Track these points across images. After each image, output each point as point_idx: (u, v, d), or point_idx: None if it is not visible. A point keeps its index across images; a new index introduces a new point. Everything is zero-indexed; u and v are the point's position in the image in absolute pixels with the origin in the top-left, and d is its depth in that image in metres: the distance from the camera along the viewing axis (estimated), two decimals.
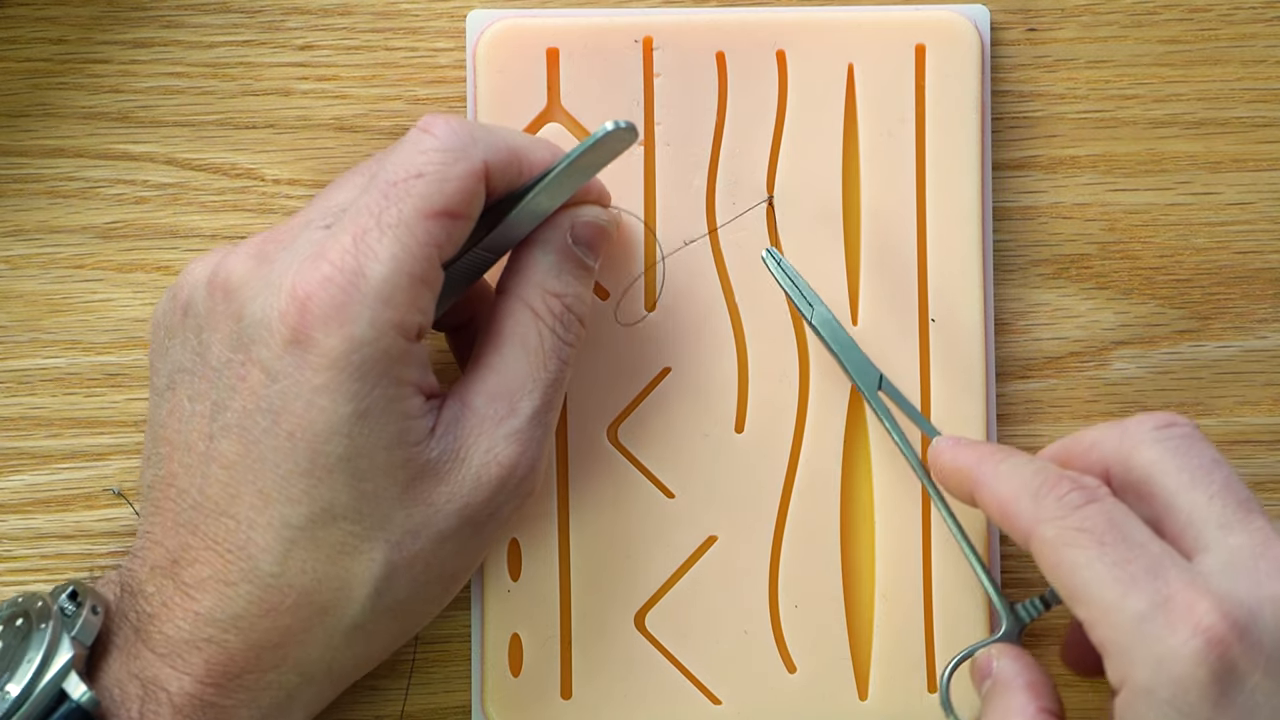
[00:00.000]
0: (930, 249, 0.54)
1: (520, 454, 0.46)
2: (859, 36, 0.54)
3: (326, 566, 0.45)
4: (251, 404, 0.45)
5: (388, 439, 0.44)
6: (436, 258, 0.45)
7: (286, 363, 0.44)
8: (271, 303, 0.44)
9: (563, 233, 0.49)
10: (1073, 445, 0.49)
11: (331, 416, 0.44)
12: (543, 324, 0.48)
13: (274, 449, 0.44)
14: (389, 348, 0.44)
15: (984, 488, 0.48)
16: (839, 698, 0.54)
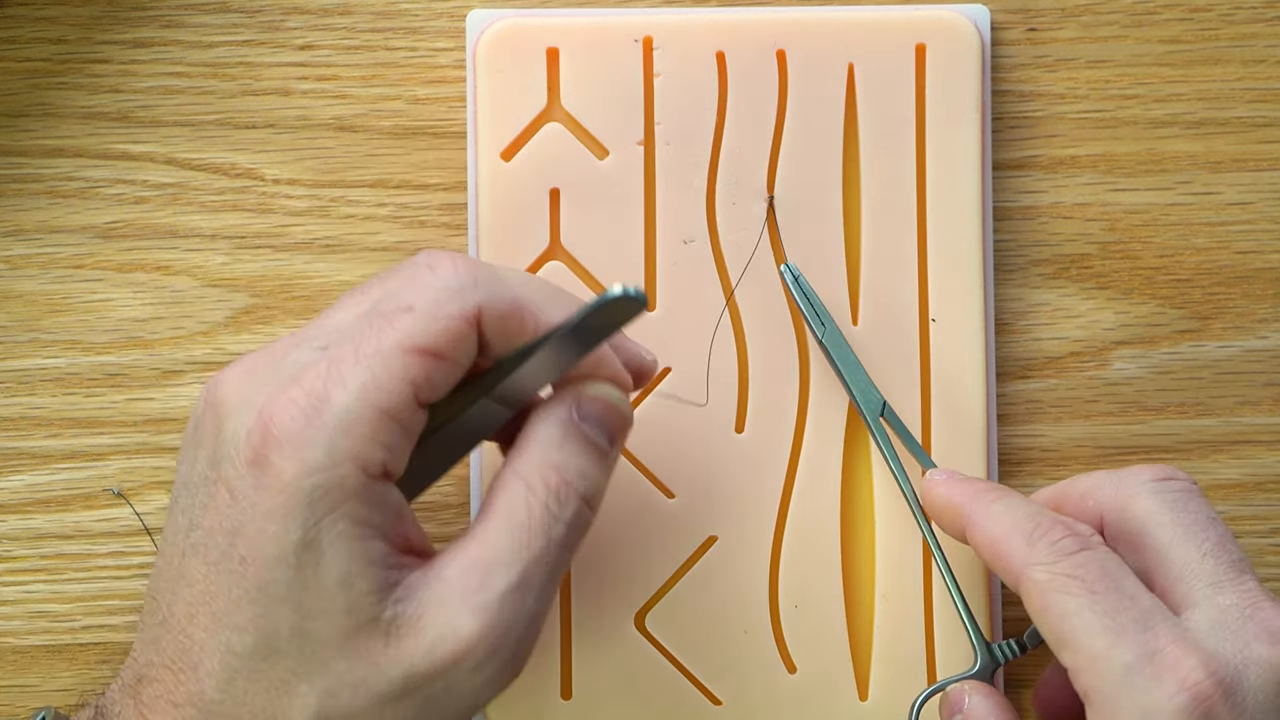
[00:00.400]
0: (930, 249, 0.54)
1: (484, 631, 0.42)
2: (859, 36, 0.54)
3: (264, 701, 0.43)
4: (216, 523, 0.43)
5: (335, 578, 0.42)
6: (411, 395, 0.43)
7: (246, 483, 0.42)
8: (242, 421, 0.43)
9: (568, 406, 0.45)
10: (1068, 490, 0.49)
11: (280, 543, 0.42)
12: (533, 497, 0.44)
13: (229, 571, 0.43)
14: (344, 479, 0.42)
15: (976, 526, 0.48)
16: (839, 698, 0.54)
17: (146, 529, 0.55)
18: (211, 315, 0.55)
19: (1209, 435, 0.56)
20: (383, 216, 0.56)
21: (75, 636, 0.55)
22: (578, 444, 0.45)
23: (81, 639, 0.55)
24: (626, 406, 0.47)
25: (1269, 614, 0.44)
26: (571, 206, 0.54)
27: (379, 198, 0.56)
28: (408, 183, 0.56)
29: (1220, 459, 0.56)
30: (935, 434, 0.54)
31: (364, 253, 0.56)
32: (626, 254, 0.54)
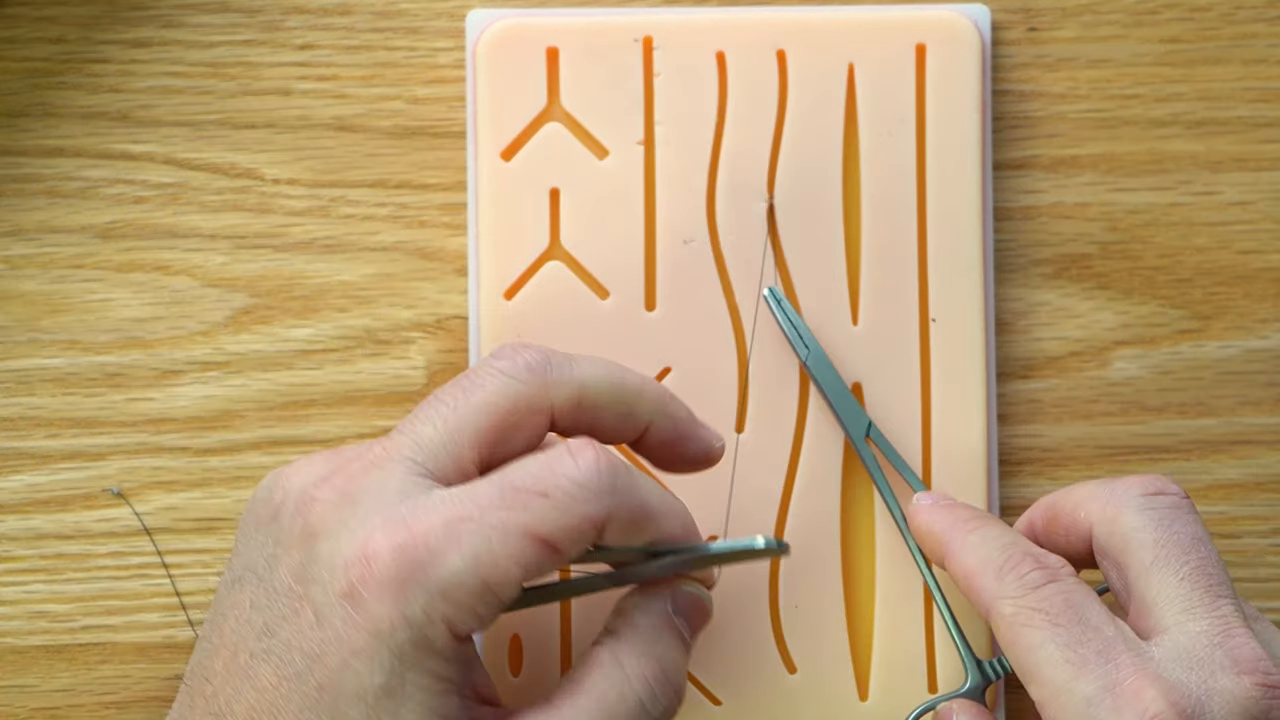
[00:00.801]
0: (930, 249, 0.54)
1: None
2: (859, 36, 0.54)
3: None
4: (296, 640, 0.43)
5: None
6: (518, 578, 0.43)
7: (337, 614, 0.43)
8: (342, 549, 0.43)
9: (664, 600, 0.46)
10: (1062, 500, 0.49)
11: (362, 683, 0.42)
12: (628, 687, 0.45)
13: (302, 693, 0.43)
14: (434, 639, 0.42)
15: (952, 556, 0.49)
16: (839, 698, 0.54)
17: (146, 529, 0.55)
18: (211, 315, 0.55)
19: (1209, 435, 0.56)
20: (382, 216, 0.56)
21: (75, 637, 0.55)
22: (673, 637, 0.46)
23: (81, 639, 0.55)
24: (711, 603, 0.48)
25: (1238, 642, 0.44)
26: (571, 206, 0.54)
27: (379, 198, 0.56)
28: (408, 183, 0.56)
29: (1221, 459, 0.56)
30: (935, 434, 0.54)
31: (364, 253, 0.56)
32: (626, 254, 0.54)
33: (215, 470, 0.55)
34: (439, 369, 0.55)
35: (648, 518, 0.45)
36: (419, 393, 0.55)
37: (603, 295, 0.54)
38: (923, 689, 0.54)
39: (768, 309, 0.54)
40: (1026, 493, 0.55)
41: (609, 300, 0.54)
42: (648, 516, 0.45)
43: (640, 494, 0.45)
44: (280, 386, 0.55)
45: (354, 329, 0.56)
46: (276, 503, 0.46)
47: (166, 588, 0.55)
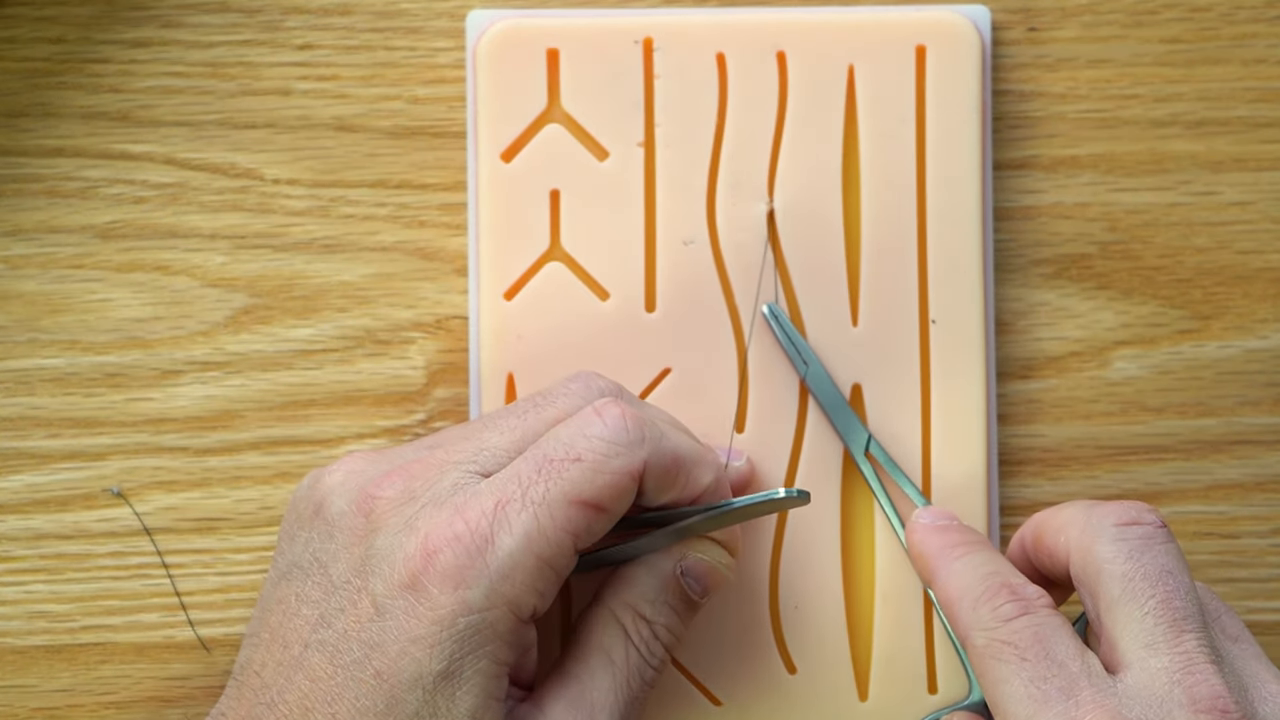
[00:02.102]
0: (930, 249, 0.54)
1: None
2: (859, 36, 0.54)
3: None
4: (354, 631, 0.44)
5: (466, 711, 0.44)
6: (571, 545, 0.45)
7: (398, 604, 0.44)
8: (401, 543, 0.45)
9: (674, 561, 0.48)
10: (1048, 520, 0.49)
11: (421, 669, 0.44)
12: (630, 643, 0.47)
13: (358, 681, 0.44)
14: (496, 622, 0.44)
15: (936, 583, 0.49)
16: (839, 698, 0.54)
17: (146, 529, 0.55)
18: (211, 315, 0.55)
19: (1209, 435, 0.56)
20: (382, 216, 0.56)
21: (74, 637, 0.55)
22: (675, 598, 0.48)
23: (81, 639, 0.55)
24: (729, 569, 0.50)
25: (1198, 679, 0.43)
26: (571, 207, 0.54)
27: (379, 198, 0.56)
28: (408, 183, 0.56)
29: (1221, 459, 0.56)
30: (935, 435, 0.54)
31: (364, 253, 0.56)
32: (626, 255, 0.54)
33: (215, 470, 0.55)
34: (439, 369, 0.55)
35: (680, 466, 0.47)
36: (419, 393, 0.55)
37: (603, 296, 0.54)
38: (922, 689, 0.54)
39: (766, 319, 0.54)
40: (1026, 493, 0.55)
41: (609, 301, 0.54)
42: (680, 465, 0.47)
43: (670, 443, 0.47)
44: (280, 386, 0.55)
45: (354, 329, 0.56)
46: (319, 498, 0.47)
47: (166, 588, 0.55)
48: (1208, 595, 0.47)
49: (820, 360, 0.54)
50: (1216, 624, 0.46)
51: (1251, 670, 0.45)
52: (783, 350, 0.54)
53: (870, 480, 0.53)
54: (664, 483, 0.47)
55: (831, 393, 0.53)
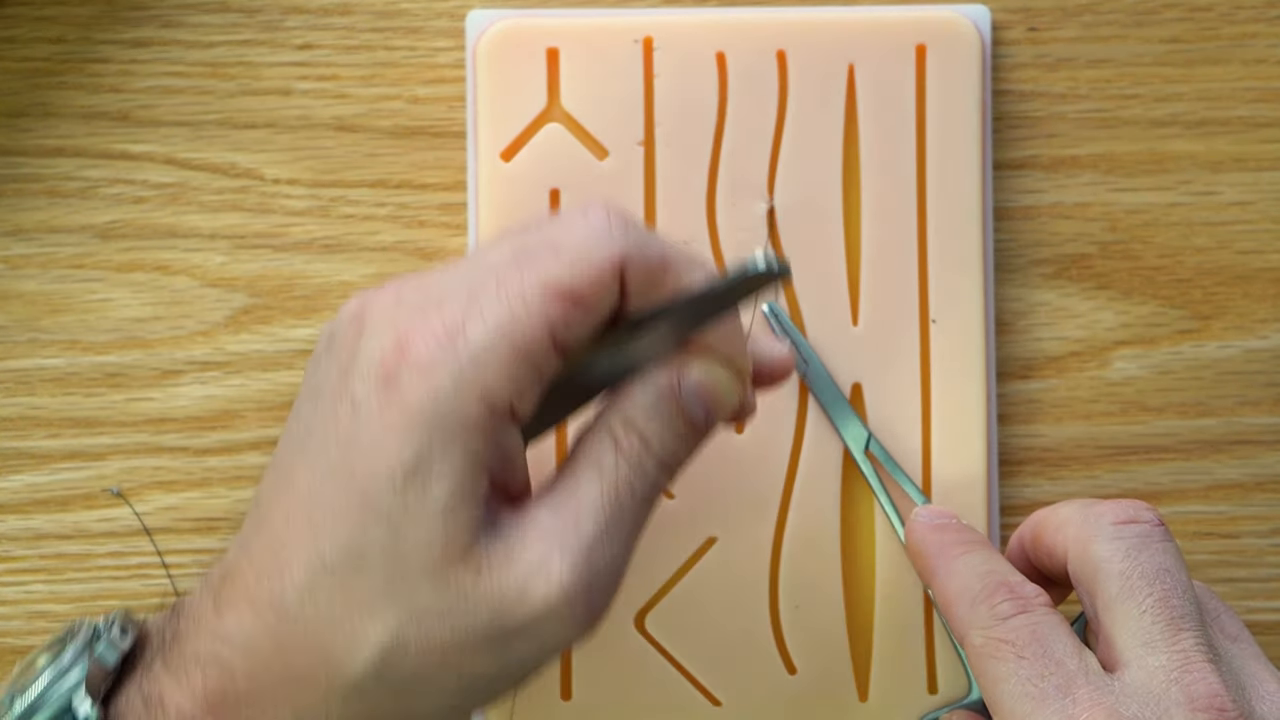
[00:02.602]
0: (930, 249, 0.54)
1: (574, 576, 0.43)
2: (859, 36, 0.54)
3: (343, 616, 0.43)
4: (332, 434, 0.43)
5: (438, 506, 0.42)
6: (547, 337, 0.43)
7: (372, 400, 0.43)
8: (379, 342, 0.43)
9: (671, 375, 0.45)
10: (1048, 518, 0.49)
11: (391, 461, 0.42)
12: (620, 456, 0.45)
13: (335, 482, 0.43)
14: (467, 412, 0.42)
15: (935, 582, 0.49)
16: (839, 698, 0.54)
17: (146, 529, 0.55)
18: (211, 315, 0.55)
19: (1209, 435, 0.56)
20: (382, 216, 0.56)
21: None
22: (670, 415, 0.45)
23: None
24: (731, 391, 0.46)
25: (1195, 677, 0.43)
26: (572, 207, 0.54)
27: (379, 198, 0.56)
28: (408, 183, 0.56)
29: (1221, 459, 0.56)
30: (935, 435, 0.54)
31: (364, 253, 0.56)
32: None
33: (215, 470, 0.55)
34: None
35: (666, 266, 0.44)
36: None
37: None
38: (923, 689, 0.54)
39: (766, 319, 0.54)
40: (1026, 493, 0.56)
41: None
42: (666, 265, 0.44)
43: (656, 243, 0.44)
44: (280, 386, 0.55)
45: None
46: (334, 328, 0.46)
47: (166, 588, 0.55)
48: (1207, 595, 0.47)
49: (820, 359, 0.54)
50: (1215, 623, 0.46)
51: (1250, 670, 0.45)
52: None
53: (870, 479, 0.53)
54: (649, 281, 0.44)
55: (832, 393, 0.53)
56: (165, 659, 0.44)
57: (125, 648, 0.45)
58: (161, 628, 0.45)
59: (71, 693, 0.44)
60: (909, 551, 0.51)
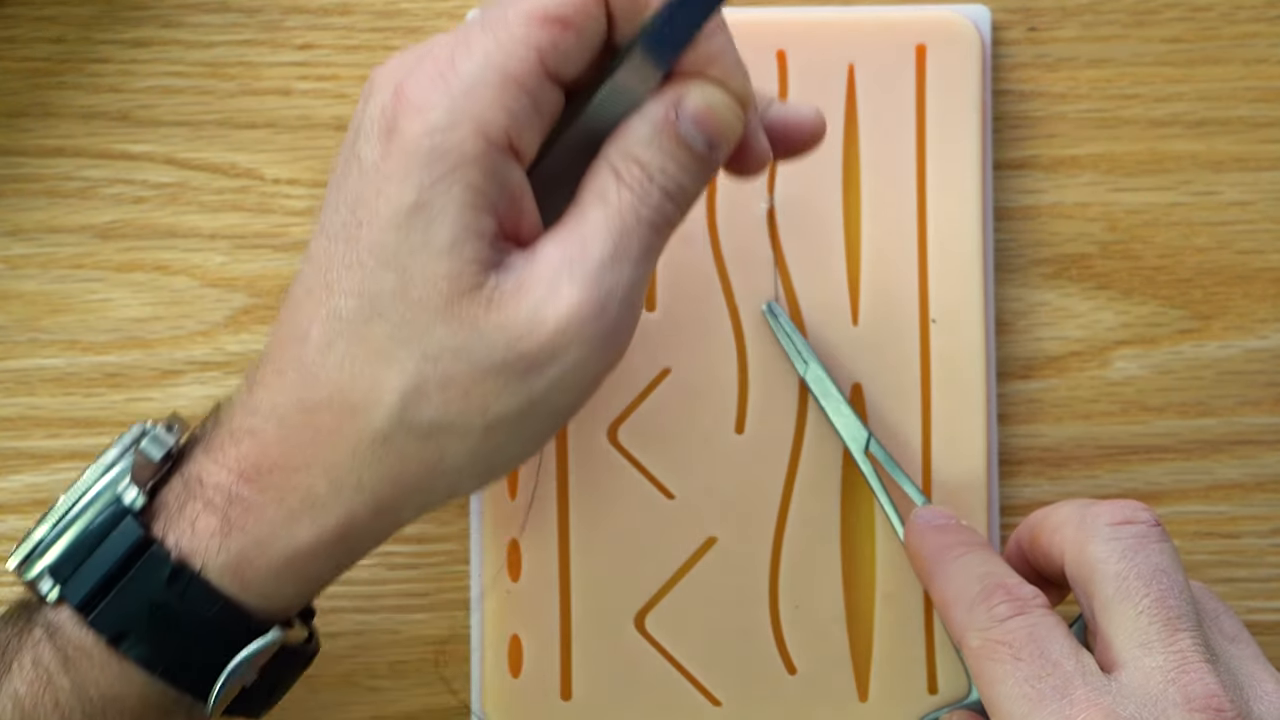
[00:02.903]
0: (930, 249, 0.54)
1: (584, 296, 0.42)
2: (859, 36, 0.54)
3: (362, 365, 0.43)
4: (342, 198, 0.44)
5: (443, 243, 0.42)
6: (537, 63, 0.43)
7: (375, 152, 0.43)
8: (379, 100, 0.44)
9: (667, 104, 0.44)
10: (1044, 520, 0.49)
11: (395, 204, 0.43)
12: (623, 185, 0.44)
13: (345, 240, 0.44)
14: (463, 143, 0.42)
15: (933, 584, 0.49)
16: (839, 698, 0.54)
17: None
18: (211, 315, 0.55)
19: (1210, 435, 0.56)
20: None
21: None
22: (669, 144, 0.44)
23: None
24: (730, 115, 0.45)
25: (1192, 678, 0.43)
26: None
27: None
28: None
29: (1221, 459, 0.56)
30: (935, 435, 0.54)
31: None
32: None
33: None
34: None
35: None
36: None
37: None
38: (923, 690, 0.54)
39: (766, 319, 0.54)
40: (1026, 493, 0.56)
41: None
42: None
43: None
44: None
45: None
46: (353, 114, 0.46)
47: None
48: (1206, 595, 0.47)
49: (820, 359, 0.54)
50: (1214, 624, 0.46)
51: (1248, 670, 0.45)
52: (782, 349, 0.54)
53: (870, 479, 0.53)
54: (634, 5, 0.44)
55: (832, 393, 0.53)
56: (205, 445, 0.45)
57: (171, 444, 0.46)
58: (203, 424, 0.47)
59: (116, 483, 0.45)
60: (908, 552, 0.51)
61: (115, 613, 0.44)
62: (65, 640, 0.44)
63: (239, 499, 0.44)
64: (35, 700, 0.44)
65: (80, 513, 0.45)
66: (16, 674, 0.44)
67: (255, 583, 0.44)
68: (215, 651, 0.45)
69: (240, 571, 0.44)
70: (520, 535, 0.54)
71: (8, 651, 0.45)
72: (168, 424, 0.47)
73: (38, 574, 0.45)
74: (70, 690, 0.44)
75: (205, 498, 0.44)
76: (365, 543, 0.46)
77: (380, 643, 0.55)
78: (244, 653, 0.45)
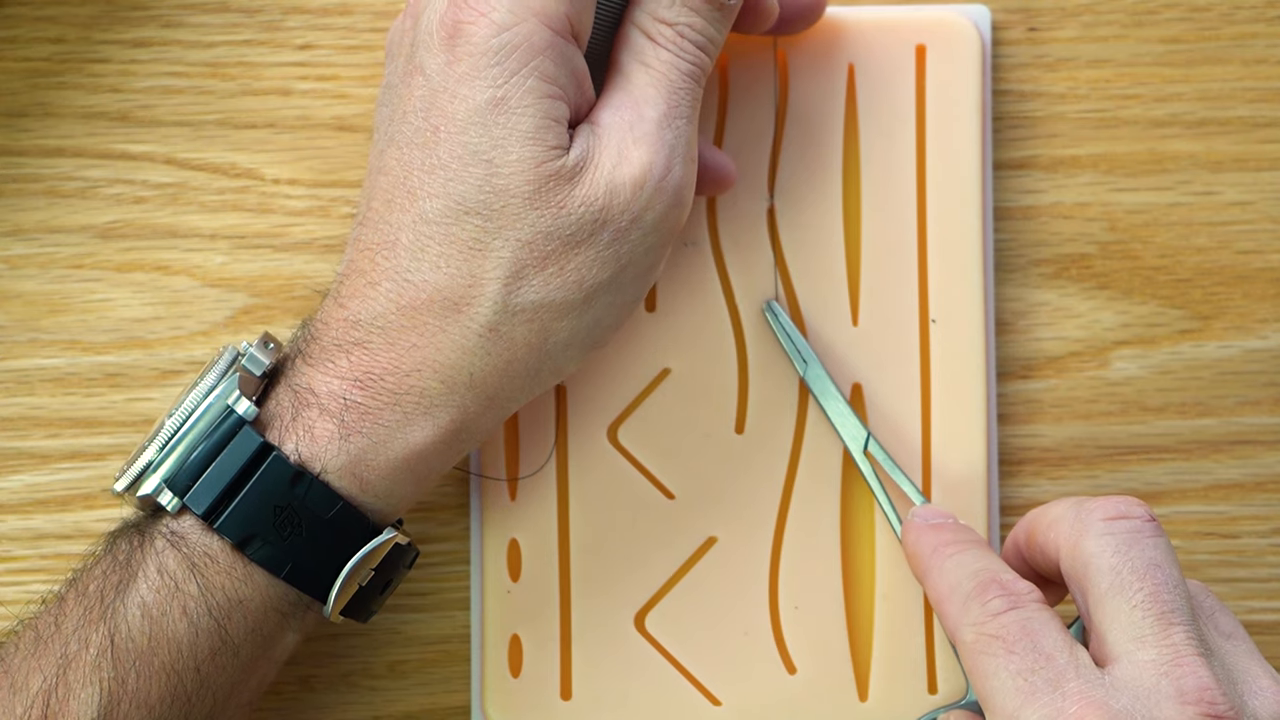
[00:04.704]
0: (930, 249, 0.54)
1: (652, 155, 0.46)
2: (859, 36, 0.54)
3: (458, 262, 0.45)
4: (410, 107, 0.46)
5: (522, 133, 0.45)
6: None
7: (440, 60, 0.45)
8: (435, 10, 0.46)
9: None
10: (1039, 517, 0.49)
11: (469, 105, 0.45)
12: (659, 46, 0.47)
13: (421, 145, 0.46)
14: (530, 35, 0.45)
15: (928, 581, 0.49)
16: (839, 698, 0.54)
17: None
18: (211, 315, 0.55)
19: (1209, 435, 0.56)
20: None
21: None
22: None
23: None
24: None
25: (1186, 671, 0.43)
26: None
27: None
28: None
29: (1221, 459, 0.56)
30: (935, 435, 0.54)
31: None
32: None
33: None
34: None
35: None
36: None
37: None
38: (923, 690, 0.54)
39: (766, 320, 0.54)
40: (1026, 493, 0.56)
41: None
42: None
43: None
44: None
45: None
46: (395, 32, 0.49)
47: None
48: (1202, 593, 0.47)
49: (820, 359, 0.54)
50: (1210, 621, 0.46)
51: (1243, 666, 0.45)
52: (782, 349, 0.54)
53: (869, 479, 0.53)
54: None
55: (831, 392, 0.53)
56: (305, 357, 0.47)
57: (269, 361, 0.48)
58: (295, 339, 0.48)
59: (224, 396, 0.47)
60: (905, 551, 0.51)
61: (240, 517, 0.46)
62: (191, 548, 0.46)
63: (354, 405, 0.46)
64: (163, 608, 0.46)
65: (189, 429, 0.47)
66: (142, 582, 0.46)
67: (373, 483, 0.46)
68: (335, 551, 0.46)
69: (358, 473, 0.46)
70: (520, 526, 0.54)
71: (131, 562, 0.46)
72: (264, 341, 0.48)
73: (154, 489, 0.46)
74: (198, 595, 0.46)
75: (320, 405, 0.46)
76: (476, 436, 0.48)
77: (380, 643, 0.55)
78: (363, 550, 0.47)
